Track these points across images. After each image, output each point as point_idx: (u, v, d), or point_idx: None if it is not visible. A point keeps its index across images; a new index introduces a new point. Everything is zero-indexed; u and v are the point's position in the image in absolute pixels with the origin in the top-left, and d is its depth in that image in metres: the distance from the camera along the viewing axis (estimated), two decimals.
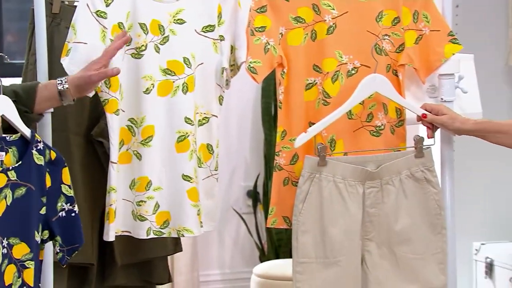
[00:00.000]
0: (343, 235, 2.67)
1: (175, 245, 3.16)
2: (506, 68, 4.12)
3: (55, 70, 2.70)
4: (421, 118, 2.75)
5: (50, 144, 2.51)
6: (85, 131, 2.96)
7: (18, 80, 3.18)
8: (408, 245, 2.72)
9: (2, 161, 2.28)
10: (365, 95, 2.73)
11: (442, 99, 2.86)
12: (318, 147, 2.68)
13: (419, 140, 2.74)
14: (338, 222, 2.67)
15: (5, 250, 2.25)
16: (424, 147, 2.74)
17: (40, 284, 2.37)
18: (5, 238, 2.26)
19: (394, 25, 2.83)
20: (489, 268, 3.94)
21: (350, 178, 2.69)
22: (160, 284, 3.23)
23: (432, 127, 2.76)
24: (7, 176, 2.27)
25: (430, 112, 2.74)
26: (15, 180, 2.28)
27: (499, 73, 4.12)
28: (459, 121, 2.72)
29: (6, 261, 2.26)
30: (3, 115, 2.31)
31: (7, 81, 2.79)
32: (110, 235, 2.70)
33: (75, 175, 2.86)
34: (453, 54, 2.86)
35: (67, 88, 2.46)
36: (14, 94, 2.46)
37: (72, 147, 2.91)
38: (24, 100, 2.44)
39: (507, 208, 4.07)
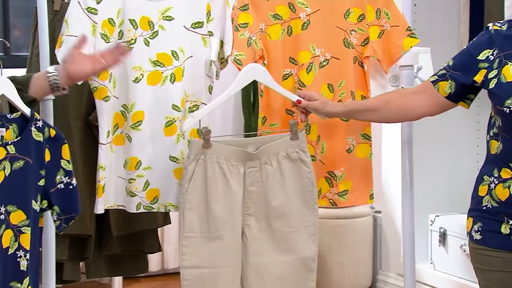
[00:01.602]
0: (225, 211, 2.61)
1: (165, 218, 3.16)
2: None
3: (57, 60, 2.63)
4: (296, 104, 2.68)
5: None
6: (84, 116, 2.98)
7: (23, 71, 3.15)
8: (284, 219, 2.66)
9: (2, 136, 2.27)
10: (245, 83, 2.67)
11: (402, 87, 2.84)
12: (202, 130, 2.61)
13: (294, 124, 2.66)
14: (221, 199, 2.60)
15: (2, 217, 2.25)
16: (298, 130, 2.67)
17: (41, 249, 2.36)
18: (3, 206, 2.25)
19: (359, 21, 2.82)
20: (443, 237, 3.95)
21: (232, 159, 2.61)
22: (151, 253, 3.23)
23: (305, 112, 2.68)
24: (6, 150, 2.26)
25: (304, 98, 2.68)
26: (14, 153, 2.27)
27: None
28: (330, 106, 2.65)
29: (3, 226, 2.25)
30: (3, 94, 2.29)
31: (13, 71, 2.75)
32: (99, 208, 2.67)
33: (75, 155, 2.86)
34: (411, 46, 2.84)
35: (57, 81, 2.38)
36: (11, 77, 2.42)
37: (73, 131, 2.92)
38: (21, 83, 2.40)
39: (459, 184, 4.07)
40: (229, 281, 2.63)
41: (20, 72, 3.07)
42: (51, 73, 2.38)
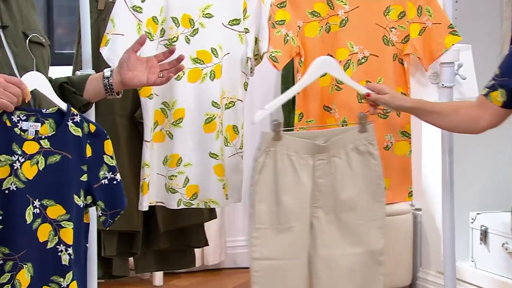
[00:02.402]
0: (295, 204, 2.61)
1: (211, 213, 3.16)
2: (501, 57, 4.08)
3: (102, 59, 2.68)
4: (365, 97, 2.68)
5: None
6: (129, 113, 2.99)
7: (67, 68, 3.18)
8: (352, 212, 2.66)
9: (37, 131, 2.26)
10: (316, 76, 2.67)
11: (443, 84, 2.84)
12: (273, 123, 2.62)
13: (362, 117, 2.66)
14: (291, 191, 2.61)
15: (37, 210, 2.25)
16: (367, 123, 2.67)
17: (87, 245, 2.35)
18: (37, 200, 2.25)
19: (400, 18, 2.81)
20: (484, 235, 3.91)
21: (301, 152, 2.62)
22: (198, 247, 3.25)
23: (374, 105, 2.68)
24: (40, 144, 2.25)
25: (374, 92, 2.68)
26: (48, 148, 2.26)
27: (494, 61, 4.03)
28: (399, 100, 2.66)
29: (39, 220, 2.25)
30: (35, 89, 2.28)
31: (56, 69, 2.78)
32: (143, 206, 2.70)
33: (121, 152, 2.88)
34: (453, 44, 2.84)
35: (112, 86, 2.38)
36: (67, 78, 2.43)
37: (118, 128, 2.94)
38: (76, 85, 2.41)
39: (501, 181, 4.03)
40: (298, 273, 2.64)
41: (64, 69, 3.11)
42: (106, 78, 2.37)
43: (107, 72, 2.38)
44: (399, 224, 4.16)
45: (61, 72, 3.12)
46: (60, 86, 2.38)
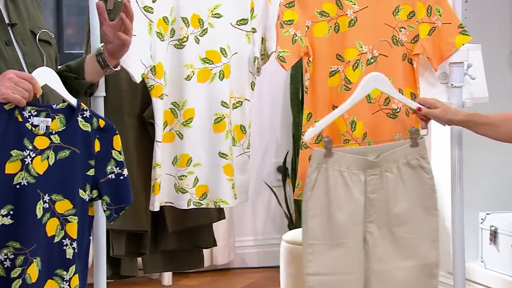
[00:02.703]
0: (347, 219, 2.64)
1: (219, 213, 3.16)
2: (510, 57, 4.07)
3: None
4: (416, 111, 2.70)
5: None
6: (138, 113, 2.98)
7: None
8: (405, 225, 2.69)
9: (48, 126, 2.27)
10: (366, 91, 2.70)
11: (452, 84, 2.83)
12: (325, 140, 2.65)
13: (414, 132, 2.70)
14: (343, 207, 2.64)
15: (46, 205, 2.26)
16: (418, 137, 2.70)
17: (90, 237, 2.37)
18: (47, 194, 2.27)
19: (409, 18, 2.81)
20: (494, 235, 3.91)
21: (353, 167, 2.65)
22: (207, 248, 3.25)
23: (426, 119, 2.71)
24: (50, 139, 2.27)
25: (424, 106, 2.69)
26: (58, 143, 2.27)
27: (504, 61, 4.07)
28: (451, 113, 2.67)
29: (48, 215, 2.27)
30: (46, 84, 2.29)
31: None
32: (155, 206, 2.70)
33: (130, 152, 2.88)
34: (463, 44, 2.83)
35: (106, 61, 2.41)
36: (65, 66, 2.46)
37: (127, 128, 2.93)
38: (75, 70, 2.43)
39: (510, 181, 4.03)
40: None
41: None
42: (98, 54, 2.40)
43: (98, 49, 2.42)
44: None
45: None
46: (61, 75, 2.39)
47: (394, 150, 2.68)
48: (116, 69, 2.45)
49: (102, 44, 2.43)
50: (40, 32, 2.38)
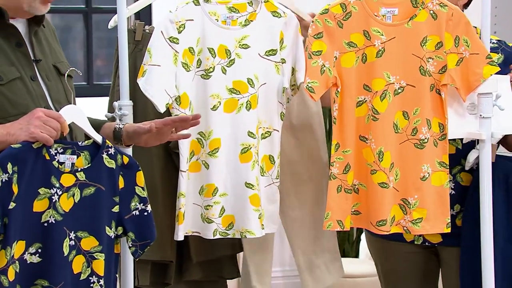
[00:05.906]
0: None
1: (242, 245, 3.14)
2: None
3: (138, 89, 2.71)
4: None
5: (131, 156, 2.50)
6: (164, 143, 2.97)
7: (104, 99, 3.21)
8: None
9: (73, 163, 2.28)
10: None
11: (481, 115, 2.81)
12: None
13: None
14: None
15: (72, 242, 2.27)
16: None
17: (117, 275, 2.36)
18: (73, 232, 2.27)
19: (437, 49, 2.80)
20: None
21: None
22: (230, 279, 3.24)
23: None
24: (76, 176, 2.28)
25: None
26: (84, 180, 2.29)
27: None
28: None
29: (74, 252, 2.27)
30: (72, 122, 2.31)
31: (95, 100, 2.80)
32: (179, 235, 2.70)
33: (156, 182, 2.89)
34: (491, 75, 2.80)
35: (121, 131, 2.44)
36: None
37: (153, 158, 2.94)
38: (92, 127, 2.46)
39: None
40: None
41: (102, 100, 3.14)
42: (118, 130, 2.44)
43: (118, 124, 2.45)
44: None
45: (99, 103, 3.15)
46: None
47: None
48: (128, 147, 2.48)
49: (125, 123, 2.46)
50: (68, 70, 2.40)
